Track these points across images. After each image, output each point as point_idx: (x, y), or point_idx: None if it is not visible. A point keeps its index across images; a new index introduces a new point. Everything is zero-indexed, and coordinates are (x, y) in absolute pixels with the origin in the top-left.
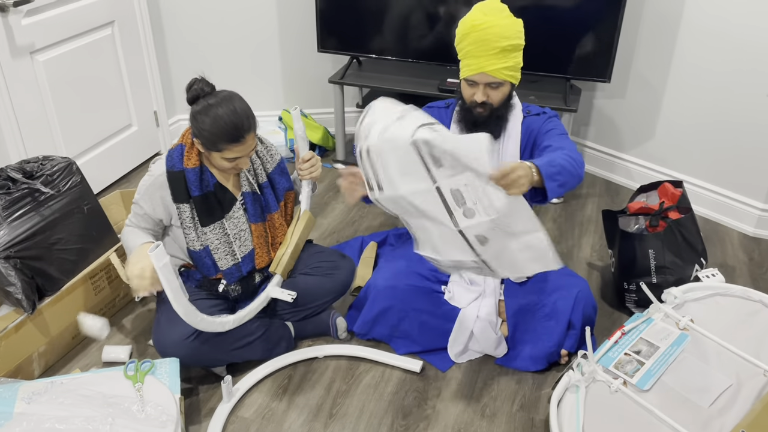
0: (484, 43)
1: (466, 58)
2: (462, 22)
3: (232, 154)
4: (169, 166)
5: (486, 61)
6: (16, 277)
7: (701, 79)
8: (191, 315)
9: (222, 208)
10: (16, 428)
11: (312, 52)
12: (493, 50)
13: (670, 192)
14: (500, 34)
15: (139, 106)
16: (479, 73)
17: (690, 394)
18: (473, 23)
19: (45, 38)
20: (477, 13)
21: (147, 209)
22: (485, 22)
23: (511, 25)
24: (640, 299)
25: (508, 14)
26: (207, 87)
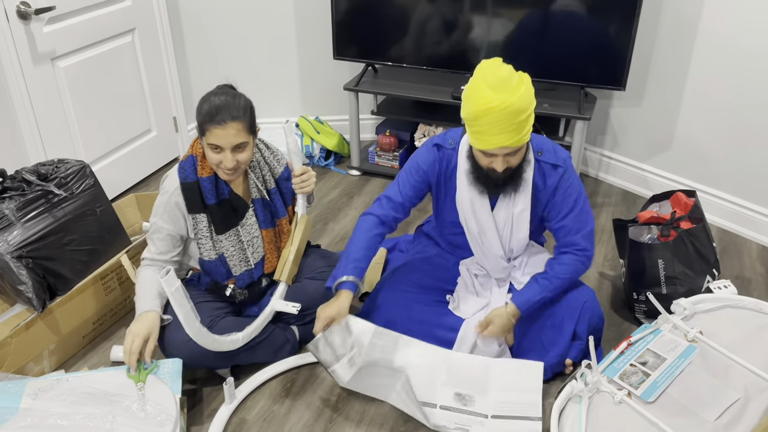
0: (501, 122)
1: (481, 134)
2: (471, 101)
3: (215, 138)
4: (182, 178)
5: (505, 137)
6: (28, 276)
7: (719, 86)
8: (203, 337)
9: (237, 216)
10: (20, 423)
11: (328, 60)
12: (511, 126)
13: (683, 201)
14: (518, 109)
15: (159, 111)
16: (499, 147)
17: (696, 407)
18: (487, 106)
19: (66, 45)
20: (486, 91)
21: (170, 228)
22: (500, 102)
23: (525, 94)
24: (649, 310)
25: (518, 79)
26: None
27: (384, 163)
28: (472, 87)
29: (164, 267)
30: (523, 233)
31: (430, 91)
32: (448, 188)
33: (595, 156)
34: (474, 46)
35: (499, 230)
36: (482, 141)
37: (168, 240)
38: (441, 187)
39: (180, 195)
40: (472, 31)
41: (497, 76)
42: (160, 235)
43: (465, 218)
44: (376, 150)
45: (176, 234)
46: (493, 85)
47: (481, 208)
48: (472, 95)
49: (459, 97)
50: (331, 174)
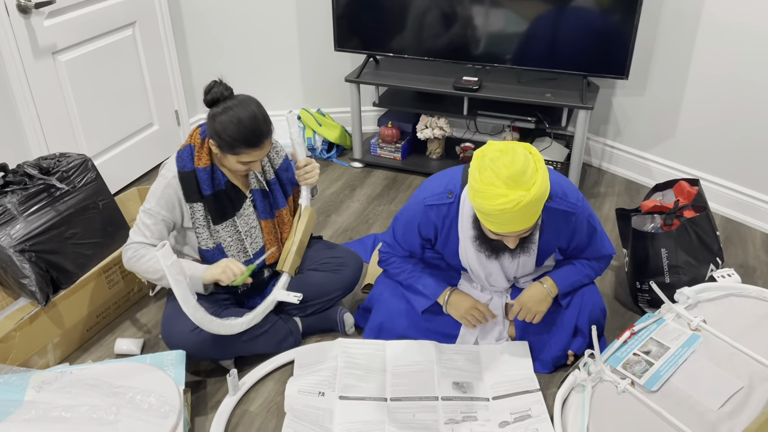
0: (517, 218)
1: (494, 224)
2: (482, 196)
3: (249, 158)
4: (179, 167)
5: (520, 225)
6: (31, 270)
7: (722, 75)
8: (200, 316)
9: (233, 206)
10: (25, 415)
11: (330, 52)
12: (527, 216)
13: (686, 190)
14: (533, 205)
15: (160, 105)
16: (511, 232)
17: (699, 395)
18: (503, 207)
19: (67, 39)
20: (500, 189)
21: (165, 215)
22: (517, 202)
23: (542, 188)
24: (653, 299)
25: (531, 172)
26: (226, 91)
27: (386, 155)
28: (484, 181)
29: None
30: (530, 267)
31: (432, 81)
32: (449, 239)
33: (598, 146)
34: (475, 37)
35: (506, 271)
36: (494, 228)
37: (162, 225)
38: (441, 239)
39: (178, 183)
40: (473, 22)
41: (511, 172)
42: (155, 219)
43: (469, 266)
44: (378, 142)
45: (170, 221)
46: (507, 181)
47: (485, 261)
48: (484, 190)
49: (461, 87)
50: (334, 166)
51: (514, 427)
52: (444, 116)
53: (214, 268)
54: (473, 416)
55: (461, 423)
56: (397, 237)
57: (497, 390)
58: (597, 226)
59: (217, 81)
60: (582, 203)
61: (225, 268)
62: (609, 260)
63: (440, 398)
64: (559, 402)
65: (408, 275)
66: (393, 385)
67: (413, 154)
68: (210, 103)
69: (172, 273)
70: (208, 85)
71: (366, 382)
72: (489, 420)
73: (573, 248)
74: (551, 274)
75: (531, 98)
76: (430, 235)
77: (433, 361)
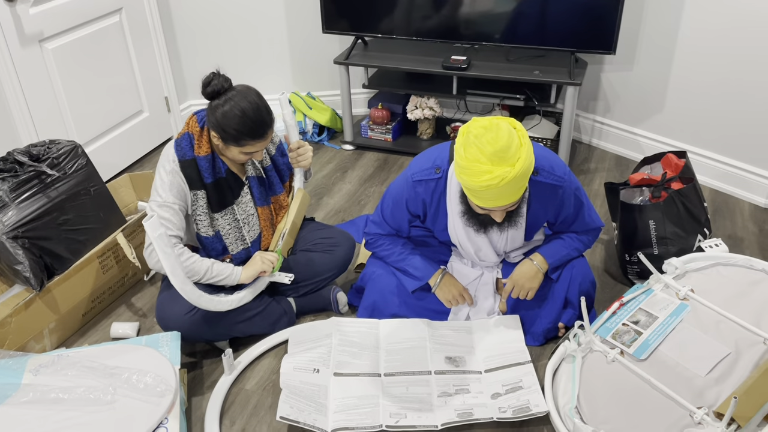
0: (503, 193)
1: (480, 200)
2: (468, 173)
3: (253, 148)
4: (180, 156)
5: (506, 200)
6: (24, 256)
7: (709, 48)
8: (189, 290)
9: (233, 194)
10: (23, 398)
11: (318, 34)
12: (513, 191)
13: (674, 163)
14: (520, 178)
15: (150, 92)
16: (499, 206)
17: (687, 363)
18: (487, 183)
19: (53, 27)
20: (485, 165)
21: (180, 203)
22: (502, 177)
23: (526, 163)
24: (642, 271)
25: (516, 148)
26: (225, 82)
27: (377, 137)
28: (469, 158)
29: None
30: (519, 241)
31: (421, 62)
32: (438, 215)
33: (587, 122)
34: (463, 16)
35: (495, 246)
36: (482, 203)
37: (180, 215)
38: (430, 216)
39: (180, 170)
40: (460, 0)
41: (496, 148)
42: (172, 211)
43: (459, 242)
44: (369, 124)
45: (184, 209)
46: (492, 157)
47: (473, 236)
48: (469, 167)
49: (450, 67)
50: (325, 149)
51: (506, 398)
52: (434, 96)
53: (252, 266)
54: (466, 389)
55: (454, 396)
56: (385, 214)
57: (489, 363)
58: (584, 199)
59: (216, 73)
60: (569, 177)
61: (262, 260)
62: (597, 233)
63: (433, 372)
64: (549, 373)
65: (397, 257)
66: (386, 361)
67: (404, 135)
68: (210, 96)
69: (160, 245)
70: (207, 78)
71: (360, 359)
72: (481, 392)
73: (561, 222)
74: (540, 249)
75: (520, 76)
76: (418, 211)
77: (425, 338)
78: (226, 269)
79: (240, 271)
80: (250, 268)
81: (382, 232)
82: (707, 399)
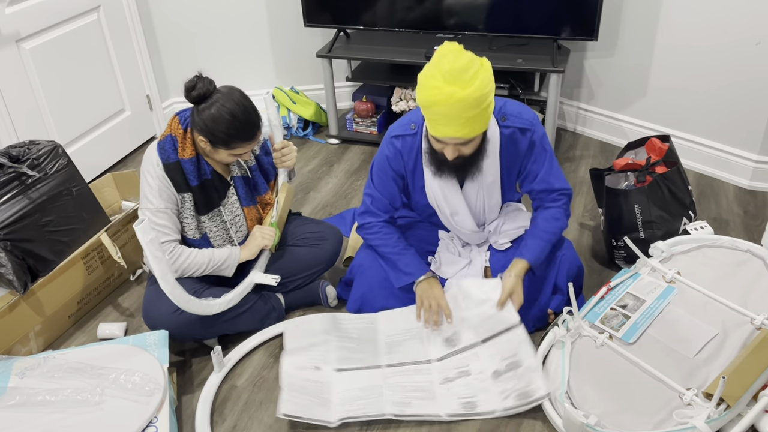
0: (451, 115)
1: (432, 122)
2: (422, 88)
3: (243, 150)
4: (164, 160)
5: (455, 129)
6: (7, 259)
7: (690, 32)
8: (178, 294)
9: (219, 196)
10: (9, 401)
11: (300, 28)
12: (461, 119)
13: (657, 147)
14: (469, 104)
15: (131, 90)
16: (448, 137)
17: (675, 344)
18: (436, 98)
19: (30, 26)
20: (437, 81)
21: (171, 206)
22: (449, 95)
23: (479, 89)
24: (629, 255)
25: (473, 73)
26: (210, 86)
27: (362, 130)
28: (426, 73)
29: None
30: (495, 200)
31: (404, 53)
32: (416, 174)
33: (571, 109)
34: (446, 6)
35: (471, 207)
36: (433, 128)
37: (174, 216)
38: (408, 175)
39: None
40: None
41: (452, 67)
42: (167, 214)
43: (435, 201)
44: (354, 117)
45: (176, 210)
46: (446, 75)
47: (450, 190)
48: (424, 82)
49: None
50: (310, 144)
51: (507, 377)
52: None
53: (252, 242)
54: (466, 371)
55: (455, 380)
56: (375, 182)
57: (483, 332)
58: (550, 150)
59: (199, 76)
60: (537, 122)
61: (262, 235)
62: (568, 201)
63: (433, 360)
64: (539, 359)
65: (391, 248)
66: (387, 353)
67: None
68: (196, 100)
69: (151, 250)
70: (190, 82)
71: (360, 353)
72: (482, 372)
73: (529, 174)
74: (520, 254)
75: (503, 64)
76: (401, 168)
77: (420, 326)
78: (225, 252)
79: (239, 251)
80: (252, 245)
81: (376, 218)
82: (696, 380)
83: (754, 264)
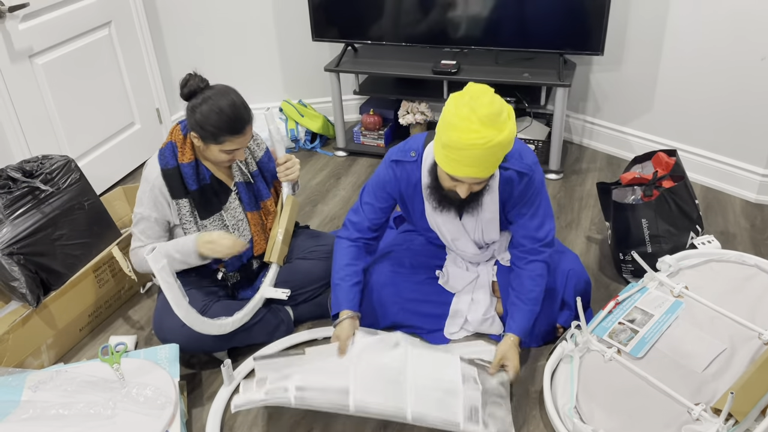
0: (481, 157)
1: (454, 162)
2: (455, 130)
3: (233, 145)
4: (162, 165)
5: (479, 170)
6: (20, 273)
7: (696, 46)
8: (191, 317)
9: (219, 200)
10: (23, 415)
11: (308, 42)
12: (489, 161)
13: (664, 161)
14: (501, 147)
15: (141, 104)
16: (468, 177)
17: (683, 359)
18: (473, 142)
19: (43, 41)
20: (475, 124)
21: (156, 215)
22: (488, 139)
23: (511, 132)
24: (636, 269)
25: (506, 115)
26: (202, 82)
27: (369, 143)
28: (460, 116)
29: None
30: (494, 235)
31: (411, 67)
32: (414, 201)
33: (578, 122)
34: (452, 20)
35: (470, 235)
36: (453, 168)
37: (156, 226)
38: (407, 200)
39: (162, 182)
40: (449, 5)
41: (490, 111)
42: (148, 222)
43: (436, 227)
44: (361, 130)
45: (162, 220)
46: (483, 119)
47: (448, 221)
48: (458, 124)
49: (440, 71)
50: (318, 156)
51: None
52: (424, 101)
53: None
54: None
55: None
56: (364, 201)
57: None
58: (546, 195)
59: (192, 74)
60: (536, 167)
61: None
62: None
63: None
64: (548, 374)
65: (335, 273)
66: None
67: (396, 140)
68: (187, 96)
69: (164, 276)
70: (184, 79)
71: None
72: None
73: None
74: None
75: (509, 78)
76: (395, 193)
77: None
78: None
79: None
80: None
81: (348, 234)
82: (704, 395)
83: (761, 279)
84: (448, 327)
